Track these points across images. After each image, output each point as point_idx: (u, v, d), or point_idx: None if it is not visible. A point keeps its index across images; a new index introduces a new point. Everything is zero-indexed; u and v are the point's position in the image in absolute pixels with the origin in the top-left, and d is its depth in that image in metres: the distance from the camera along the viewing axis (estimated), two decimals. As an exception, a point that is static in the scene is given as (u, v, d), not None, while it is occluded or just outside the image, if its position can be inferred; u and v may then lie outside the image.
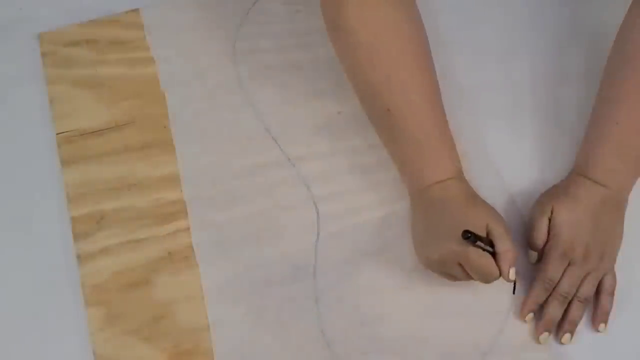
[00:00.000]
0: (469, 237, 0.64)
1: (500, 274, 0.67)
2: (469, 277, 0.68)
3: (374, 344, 0.72)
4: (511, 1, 0.88)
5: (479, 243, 0.65)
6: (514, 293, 0.74)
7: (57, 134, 0.81)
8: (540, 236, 0.73)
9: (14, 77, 0.84)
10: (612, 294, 0.73)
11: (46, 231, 0.78)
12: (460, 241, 0.65)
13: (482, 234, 0.67)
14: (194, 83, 0.83)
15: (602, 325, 0.72)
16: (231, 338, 0.73)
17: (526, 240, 0.75)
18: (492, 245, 0.67)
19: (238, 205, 0.78)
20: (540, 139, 0.81)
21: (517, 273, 0.68)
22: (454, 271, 0.69)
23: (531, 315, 0.72)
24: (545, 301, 0.72)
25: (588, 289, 0.72)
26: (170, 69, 0.84)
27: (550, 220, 0.73)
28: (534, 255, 0.74)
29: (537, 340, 0.72)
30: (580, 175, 0.74)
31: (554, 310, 0.72)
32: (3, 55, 0.86)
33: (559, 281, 0.72)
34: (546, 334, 0.72)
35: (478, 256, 0.66)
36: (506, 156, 0.80)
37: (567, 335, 0.72)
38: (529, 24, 0.87)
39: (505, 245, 0.67)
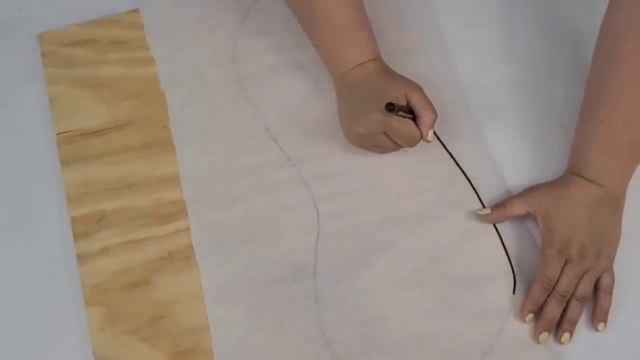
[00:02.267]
0: (392, 109, 0.69)
1: (422, 137, 0.73)
2: (396, 145, 0.75)
3: (374, 344, 0.72)
4: (509, 2, 0.88)
5: (400, 113, 0.71)
6: (514, 293, 0.74)
7: (57, 134, 0.81)
8: (512, 208, 0.75)
9: (14, 77, 0.84)
10: (610, 292, 0.73)
11: (46, 231, 0.78)
12: (383, 112, 0.71)
13: (403, 103, 0.73)
14: (194, 83, 0.83)
15: (601, 325, 0.73)
16: (231, 338, 0.73)
17: (529, 243, 0.75)
18: (412, 112, 0.73)
19: (238, 205, 0.78)
20: (539, 138, 0.81)
21: (435, 134, 0.75)
22: (382, 142, 0.75)
23: (531, 315, 0.72)
24: (544, 301, 0.73)
25: (585, 288, 0.72)
26: (170, 69, 0.84)
27: (531, 213, 0.74)
28: (486, 211, 0.76)
29: (537, 340, 0.72)
30: (574, 174, 0.74)
31: (553, 310, 0.72)
32: (3, 55, 0.86)
33: (557, 280, 0.72)
34: (546, 333, 0.72)
35: (400, 123, 0.72)
36: (505, 155, 0.80)
37: (567, 335, 0.72)
38: (527, 24, 0.87)
39: (423, 110, 0.73)
